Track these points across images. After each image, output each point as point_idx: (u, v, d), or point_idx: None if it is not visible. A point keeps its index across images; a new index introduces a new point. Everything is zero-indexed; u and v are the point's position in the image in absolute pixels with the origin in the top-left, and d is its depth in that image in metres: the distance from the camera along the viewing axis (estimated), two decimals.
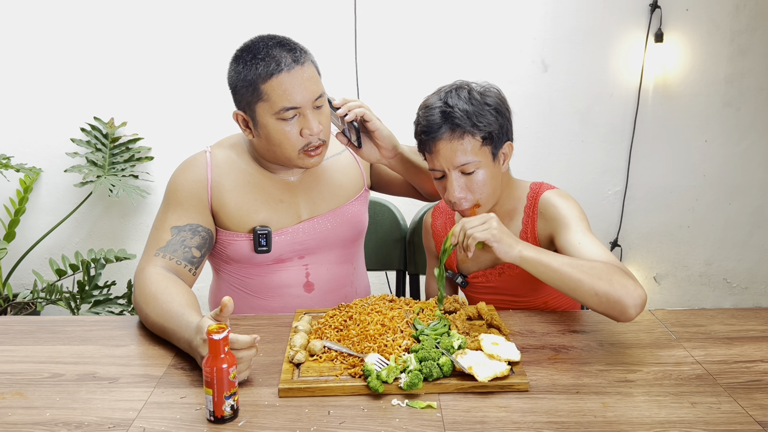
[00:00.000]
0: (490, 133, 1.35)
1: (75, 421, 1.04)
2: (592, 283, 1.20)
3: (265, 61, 1.36)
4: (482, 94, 1.37)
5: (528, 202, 1.46)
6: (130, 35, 2.61)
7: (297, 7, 2.59)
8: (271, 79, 1.35)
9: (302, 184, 1.54)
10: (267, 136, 1.41)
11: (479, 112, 1.34)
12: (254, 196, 1.48)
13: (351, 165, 1.62)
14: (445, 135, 1.34)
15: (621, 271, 1.22)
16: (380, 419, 1.04)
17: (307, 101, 1.38)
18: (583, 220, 1.37)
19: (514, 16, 2.65)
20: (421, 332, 1.26)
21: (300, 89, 1.36)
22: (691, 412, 1.05)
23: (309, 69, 1.39)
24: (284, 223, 1.50)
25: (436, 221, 1.61)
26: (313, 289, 1.54)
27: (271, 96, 1.36)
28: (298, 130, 1.39)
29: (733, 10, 2.64)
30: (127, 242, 2.80)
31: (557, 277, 1.22)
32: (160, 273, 1.36)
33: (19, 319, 1.47)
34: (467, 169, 1.35)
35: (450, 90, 1.38)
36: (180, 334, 1.22)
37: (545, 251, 1.25)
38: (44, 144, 2.69)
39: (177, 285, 1.35)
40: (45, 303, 2.53)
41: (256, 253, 1.48)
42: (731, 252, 2.92)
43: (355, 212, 1.59)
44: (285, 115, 1.37)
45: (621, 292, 1.19)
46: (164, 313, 1.28)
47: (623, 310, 1.20)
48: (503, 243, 1.24)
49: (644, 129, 2.76)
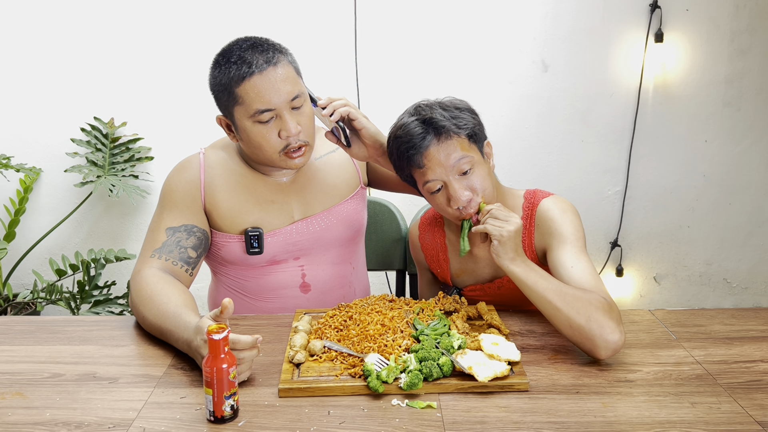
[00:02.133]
0: (473, 130, 1.35)
1: (75, 421, 1.04)
2: (569, 314, 1.19)
3: (237, 64, 1.34)
4: (449, 101, 1.39)
5: (524, 213, 1.43)
6: (131, 36, 2.61)
7: (297, 9, 2.59)
8: (244, 82, 1.34)
9: (294, 185, 1.53)
10: (247, 139, 1.40)
11: (456, 115, 1.35)
12: (246, 197, 1.48)
13: (345, 163, 1.60)
14: (433, 142, 1.32)
15: (604, 309, 1.19)
16: (380, 419, 1.04)
17: (282, 102, 1.36)
18: (579, 238, 1.35)
19: (514, 16, 2.65)
20: (421, 332, 1.26)
21: (273, 91, 1.35)
22: (691, 412, 1.05)
23: (283, 69, 1.37)
24: (276, 224, 1.49)
25: (424, 235, 1.58)
26: (310, 290, 1.54)
27: (245, 99, 1.35)
28: (276, 131, 1.38)
29: (733, 10, 2.64)
30: (127, 242, 2.80)
31: (537, 299, 1.24)
32: (156, 274, 1.36)
33: (19, 319, 1.47)
34: (463, 167, 1.33)
35: (418, 106, 1.38)
36: (178, 334, 1.22)
37: (536, 271, 1.25)
38: (44, 144, 2.69)
39: (173, 286, 1.34)
40: (45, 303, 2.53)
41: (248, 254, 1.47)
42: (731, 252, 2.92)
43: (351, 211, 1.57)
44: (260, 118, 1.36)
45: (595, 332, 1.17)
46: (161, 315, 1.27)
47: (592, 349, 1.19)
48: (504, 248, 1.25)
49: (644, 129, 2.76)
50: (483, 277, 1.49)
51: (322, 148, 1.58)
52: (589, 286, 1.25)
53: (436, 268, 1.56)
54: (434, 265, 1.57)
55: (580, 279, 1.27)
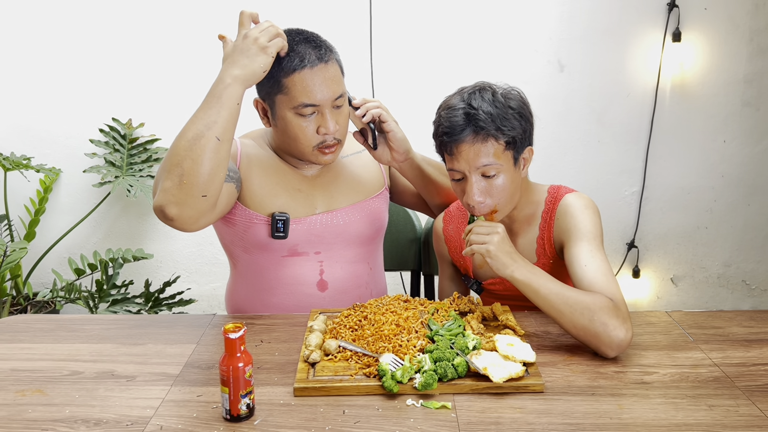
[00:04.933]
0: (513, 138, 1.32)
1: (94, 419, 1.05)
2: (572, 317, 1.21)
3: (290, 55, 1.37)
4: (506, 96, 1.35)
5: (546, 207, 1.44)
6: (148, 38, 2.64)
7: (313, 7, 2.60)
8: (294, 74, 1.36)
9: (320, 179, 1.55)
10: (283, 128, 1.43)
11: (503, 116, 1.31)
12: (276, 181, 1.50)
13: (371, 164, 1.63)
14: (468, 137, 1.32)
15: (608, 308, 1.20)
16: (395, 419, 1.04)
17: (327, 100, 1.39)
18: (597, 236, 1.35)
19: (530, 16, 2.64)
20: (435, 333, 1.26)
21: (321, 88, 1.37)
22: (709, 415, 1.05)
23: (332, 68, 1.40)
24: (301, 213, 1.51)
25: (448, 226, 1.59)
26: (327, 288, 1.54)
27: (291, 90, 1.37)
28: (315, 127, 1.41)
29: (752, 9, 2.61)
30: (144, 242, 2.83)
31: (542, 303, 1.25)
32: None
33: (39, 317, 1.49)
34: (488, 172, 1.33)
35: (473, 91, 1.35)
36: (219, 76, 1.32)
37: (539, 274, 1.26)
38: (64, 145, 2.73)
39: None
40: (64, 302, 2.56)
41: (272, 238, 1.48)
42: (750, 253, 2.88)
43: (375, 209, 1.59)
44: (303, 111, 1.39)
45: (599, 330, 1.19)
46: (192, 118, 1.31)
47: (599, 347, 1.21)
48: (497, 260, 1.27)
49: (661, 129, 2.73)
50: None
51: (350, 147, 1.61)
52: (601, 285, 1.25)
53: (459, 260, 1.57)
54: (456, 257, 1.57)
55: (593, 277, 1.27)
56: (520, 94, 1.38)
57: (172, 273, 2.83)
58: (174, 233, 2.82)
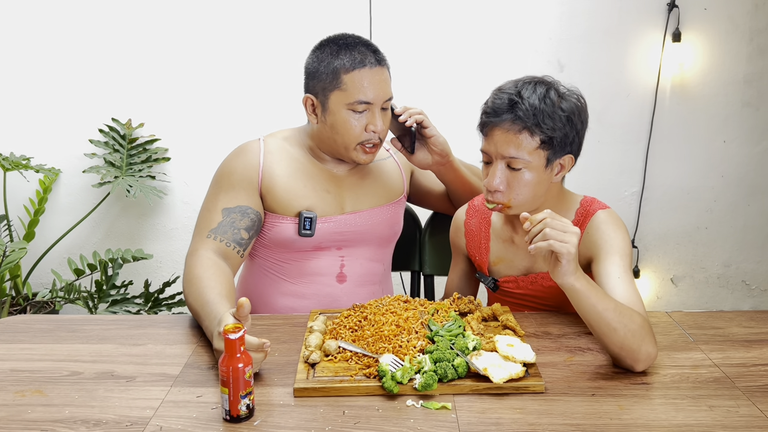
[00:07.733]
0: (551, 138, 1.30)
1: (93, 419, 1.05)
2: (625, 336, 1.15)
3: (352, 54, 1.47)
4: (561, 96, 1.33)
5: (576, 218, 1.41)
6: (148, 38, 2.64)
7: (312, 8, 2.60)
8: (354, 72, 1.46)
9: (349, 179, 1.61)
10: (333, 123, 1.49)
11: (548, 114, 1.29)
12: (303, 182, 1.55)
13: (394, 171, 1.69)
14: (505, 124, 1.30)
15: (647, 326, 1.17)
16: (395, 420, 1.04)
17: (379, 100, 1.49)
18: (627, 255, 1.32)
19: (530, 16, 2.63)
20: (435, 333, 1.26)
21: (377, 87, 1.47)
22: (709, 416, 1.04)
23: (386, 72, 1.52)
24: (328, 212, 1.56)
25: (471, 219, 1.57)
26: (345, 281, 1.59)
27: (349, 87, 1.46)
28: (364, 124, 1.49)
29: (752, 9, 2.61)
30: (144, 242, 2.83)
31: (595, 317, 1.16)
32: (209, 258, 1.43)
33: (38, 317, 1.49)
34: (514, 164, 1.31)
35: (530, 81, 1.34)
36: (207, 323, 1.28)
37: (596, 288, 1.17)
38: (63, 145, 2.72)
39: (220, 274, 1.40)
40: (63, 302, 2.56)
41: (299, 236, 1.53)
42: (750, 254, 2.88)
43: (393, 214, 1.66)
44: (357, 108, 1.47)
45: (640, 348, 1.15)
46: (200, 298, 1.33)
47: (633, 365, 1.17)
48: (570, 264, 1.13)
49: (661, 129, 2.73)
50: (519, 268, 1.48)
51: (378, 154, 1.66)
52: (634, 300, 1.23)
53: (475, 255, 1.56)
54: (474, 251, 1.56)
55: (623, 292, 1.24)
56: (580, 100, 1.36)
57: (171, 273, 2.83)
58: (174, 233, 2.82)
